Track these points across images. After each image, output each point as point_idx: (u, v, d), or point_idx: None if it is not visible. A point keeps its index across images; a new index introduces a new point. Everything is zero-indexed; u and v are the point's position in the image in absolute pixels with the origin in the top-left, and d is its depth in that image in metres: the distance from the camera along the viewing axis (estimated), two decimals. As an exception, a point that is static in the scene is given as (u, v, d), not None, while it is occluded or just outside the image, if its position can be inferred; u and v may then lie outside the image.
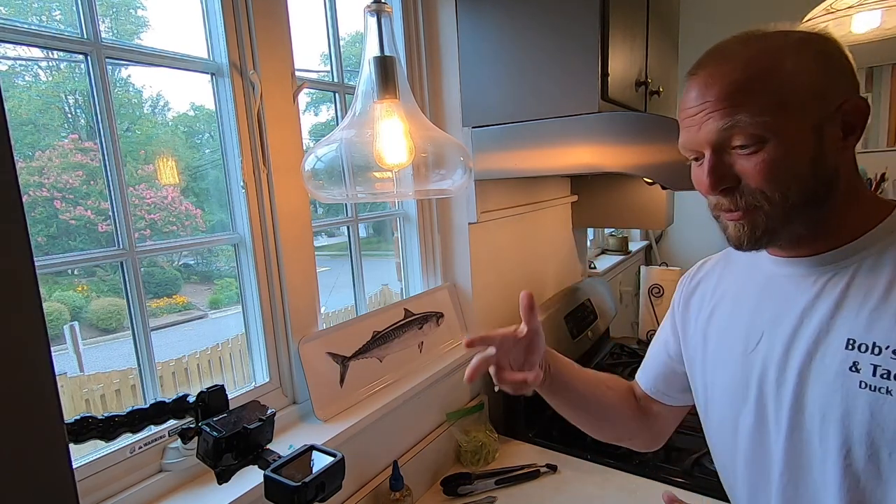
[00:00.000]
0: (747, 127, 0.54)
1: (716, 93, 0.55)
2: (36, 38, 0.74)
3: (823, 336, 0.58)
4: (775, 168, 0.54)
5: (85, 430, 0.59)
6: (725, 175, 0.57)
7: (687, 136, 0.60)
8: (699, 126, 0.57)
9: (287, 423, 1.05)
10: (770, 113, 0.53)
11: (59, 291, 2.37)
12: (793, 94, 0.53)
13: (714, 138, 0.56)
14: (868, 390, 0.54)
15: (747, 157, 0.55)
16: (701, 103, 0.56)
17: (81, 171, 1.49)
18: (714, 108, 0.55)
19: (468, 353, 1.38)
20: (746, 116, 0.53)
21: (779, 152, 0.54)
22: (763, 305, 0.65)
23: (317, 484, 0.62)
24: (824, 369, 0.57)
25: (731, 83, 0.54)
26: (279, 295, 1.04)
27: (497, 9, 1.24)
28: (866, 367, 0.54)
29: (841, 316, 0.57)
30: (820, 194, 0.56)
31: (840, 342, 0.56)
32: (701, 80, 0.57)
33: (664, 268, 2.19)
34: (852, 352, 0.55)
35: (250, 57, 0.96)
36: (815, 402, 0.58)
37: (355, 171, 0.81)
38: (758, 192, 0.56)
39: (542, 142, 1.20)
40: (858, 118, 0.55)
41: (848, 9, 1.16)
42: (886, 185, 3.06)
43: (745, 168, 0.55)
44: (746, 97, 0.54)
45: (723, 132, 0.55)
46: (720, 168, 0.57)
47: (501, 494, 1.19)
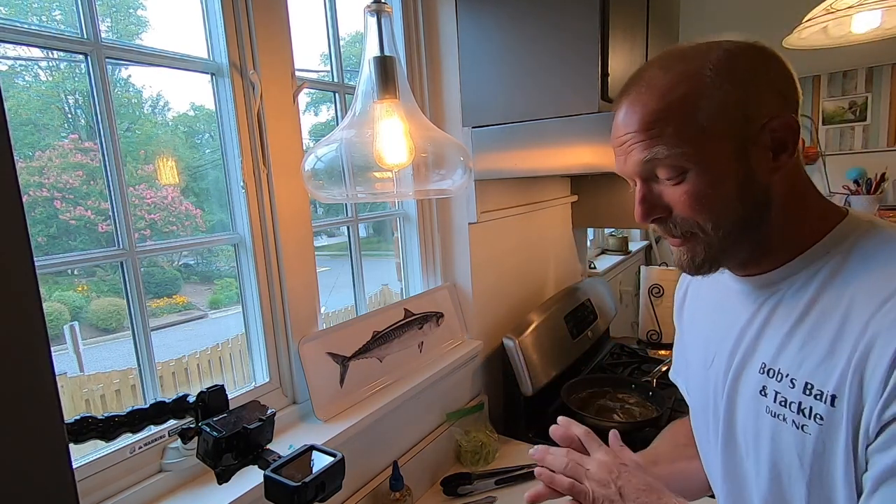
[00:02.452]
0: (666, 159, 0.52)
1: (636, 123, 0.54)
2: (36, 38, 0.74)
3: (749, 357, 0.58)
4: (701, 197, 0.53)
5: (85, 430, 0.59)
6: (655, 205, 0.56)
7: (618, 165, 0.59)
8: (625, 156, 0.56)
9: (287, 423, 1.05)
10: (688, 143, 0.51)
11: (59, 291, 2.37)
12: (711, 120, 0.51)
13: (639, 170, 0.55)
14: (770, 416, 0.55)
15: (673, 188, 0.54)
16: (624, 133, 0.55)
17: (81, 171, 1.49)
18: (635, 139, 0.54)
19: (468, 353, 1.38)
20: (664, 148, 0.52)
21: (702, 181, 0.52)
22: (718, 321, 0.65)
23: (317, 484, 0.62)
24: (745, 391, 0.58)
25: (649, 113, 0.53)
26: (279, 295, 1.04)
27: (497, 9, 1.24)
28: (771, 393, 0.55)
29: (763, 339, 0.57)
30: (753, 218, 0.54)
31: (757, 365, 0.57)
32: (624, 109, 0.56)
33: (664, 268, 2.19)
34: (762, 376, 0.56)
35: (250, 57, 0.96)
36: (739, 422, 0.60)
37: (355, 171, 0.81)
38: (689, 222, 0.55)
39: (542, 142, 1.20)
40: (788, 135, 0.52)
41: (848, 9, 1.16)
42: (886, 185, 3.06)
43: (673, 198, 0.55)
44: (664, 127, 0.52)
45: (645, 164, 0.54)
46: (650, 198, 0.56)
47: (501, 494, 1.19)
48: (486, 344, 1.49)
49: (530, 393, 1.37)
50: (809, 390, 0.51)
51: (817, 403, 0.50)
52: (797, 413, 0.52)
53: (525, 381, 1.37)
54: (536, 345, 1.43)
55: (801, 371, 0.52)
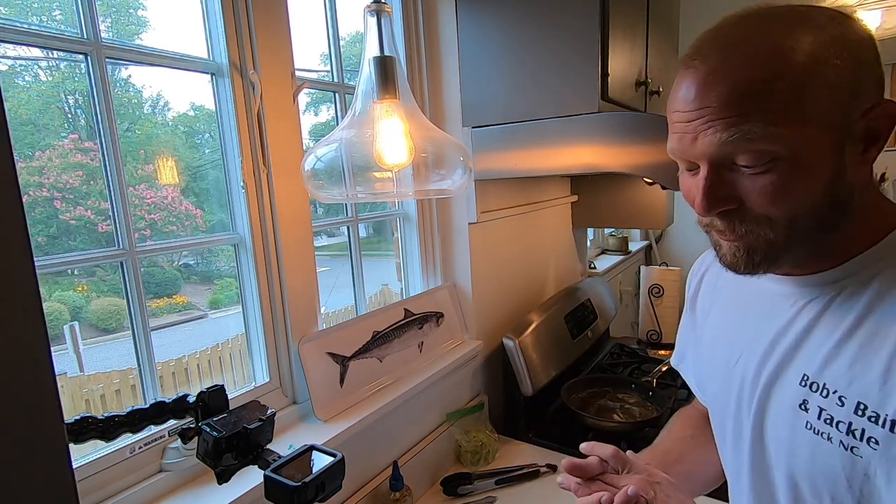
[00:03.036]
0: (757, 141, 0.43)
1: (720, 96, 0.44)
2: (36, 38, 0.74)
3: (785, 366, 0.54)
4: (786, 192, 0.45)
5: (85, 430, 0.59)
6: (724, 196, 0.47)
7: (680, 145, 0.49)
8: (695, 136, 0.47)
9: (287, 423, 1.05)
10: (786, 124, 0.43)
11: (59, 291, 2.37)
12: (815, 100, 0.43)
13: (714, 152, 0.46)
14: (811, 432, 0.50)
15: (753, 177, 0.46)
16: (700, 107, 0.46)
17: (81, 171, 1.49)
18: (717, 114, 0.44)
19: (468, 353, 1.38)
20: (759, 127, 0.43)
21: (792, 172, 0.44)
22: (746, 320, 0.62)
23: (317, 484, 0.62)
24: (780, 401, 0.54)
25: (740, 83, 0.43)
26: (279, 295, 1.04)
27: (497, 9, 1.24)
28: (814, 409, 0.50)
29: (805, 347, 0.52)
30: (831, 218, 0.47)
31: (796, 376, 0.52)
32: (701, 77, 0.45)
33: (664, 268, 2.19)
34: (804, 389, 0.51)
35: (250, 57, 0.96)
36: (770, 432, 0.56)
37: (355, 171, 0.81)
38: (762, 218, 0.47)
39: (542, 142, 1.20)
40: (884, 126, 0.45)
41: (848, 9, 1.16)
42: (886, 185, 3.06)
43: (749, 189, 0.46)
44: (759, 102, 0.43)
45: (725, 146, 0.45)
46: (719, 188, 0.47)
47: (501, 494, 1.19)
48: (486, 344, 1.49)
49: (530, 393, 1.37)
50: (862, 411, 0.46)
51: (872, 426, 0.46)
52: (846, 434, 0.47)
53: (525, 381, 1.37)
54: (536, 345, 1.43)
55: (851, 389, 0.47)
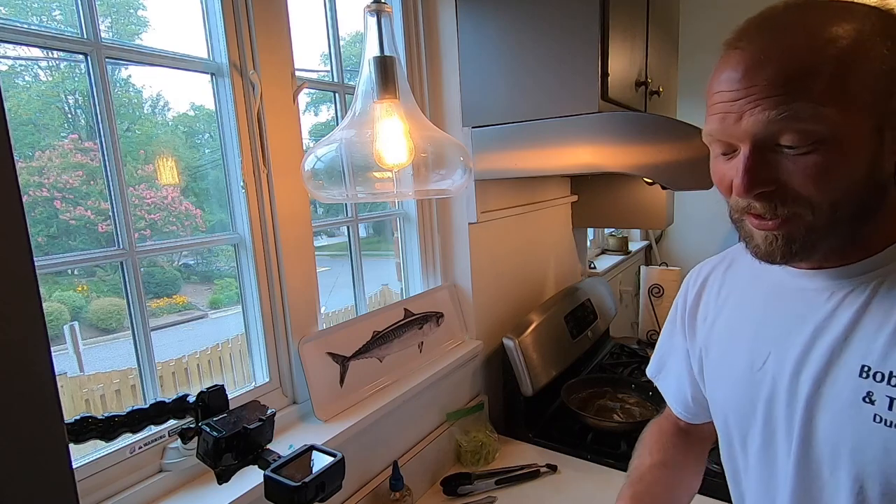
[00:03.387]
0: (806, 121, 0.44)
1: (770, 74, 0.45)
2: (36, 38, 0.74)
3: (836, 360, 0.52)
4: (830, 173, 0.45)
5: (85, 430, 0.59)
6: (766, 177, 0.47)
7: (721, 126, 0.49)
8: (739, 115, 0.47)
9: (287, 423, 1.05)
10: (834, 105, 0.43)
11: (59, 291, 2.37)
12: (863, 84, 0.44)
13: (759, 131, 0.46)
14: (883, 425, 0.48)
15: (796, 158, 0.46)
16: (748, 86, 0.46)
17: (81, 171, 1.49)
18: (764, 93, 0.45)
19: (468, 353, 1.38)
20: (808, 107, 0.44)
21: (837, 155, 0.45)
22: (770, 320, 0.59)
23: (317, 484, 0.62)
24: (835, 397, 0.51)
25: (790, 64, 0.44)
26: (279, 295, 1.04)
27: (497, 9, 1.24)
28: (882, 399, 0.48)
29: (856, 339, 0.51)
30: (871, 205, 0.48)
31: (853, 368, 0.50)
32: (749, 56, 0.46)
33: (664, 268, 2.19)
34: (866, 380, 0.49)
35: (250, 57, 0.96)
36: (825, 431, 0.52)
37: (355, 171, 0.81)
38: (803, 200, 0.47)
39: (542, 142, 1.20)
40: None
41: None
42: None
43: (792, 171, 0.46)
44: (807, 83, 0.44)
45: (772, 125, 0.45)
46: (760, 169, 0.47)
47: (501, 494, 1.19)
48: (486, 344, 1.49)
49: (530, 393, 1.37)
50: None
51: None
52: None
53: (525, 381, 1.37)
54: (536, 345, 1.43)
55: None
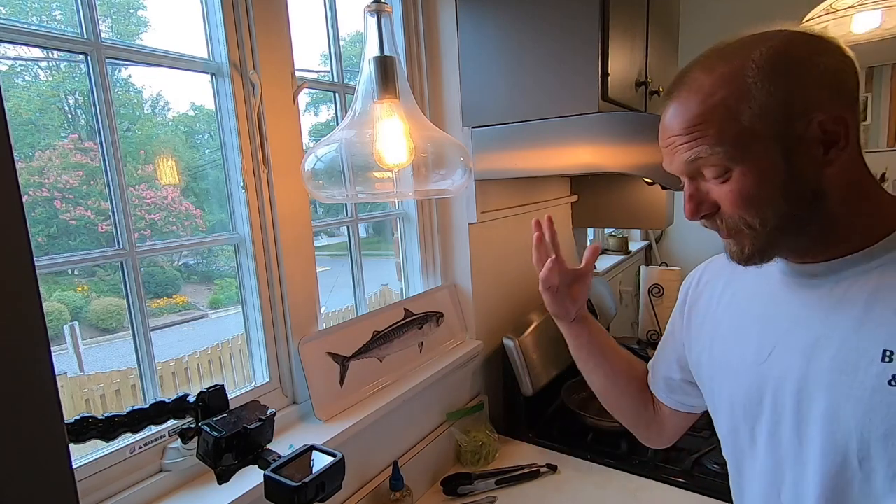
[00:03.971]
0: (709, 157, 0.53)
1: (679, 126, 0.55)
2: (36, 38, 0.74)
3: (853, 347, 0.53)
4: (746, 196, 0.53)
5: (85, 430, 0.59)
6: (703, 203, 0.57)
7: (665, 163, 0.60)
8: (671, 157, 0.58)
9: (287, 423, 1.05)
10: (732, 143, 0.52)
11: (59, 291, 2.37)
12: (753, 120, 0.51)
13: (684, 169, 0.57)
14: None
15: (720, 186, 0.55)
16: (670, 135, 0.57)
17: (81, 171, 1.49)
18: (679, 141, 0.55)
19: (468, 353, 1.38)
20: (707, 148, 0.53)
21: (747, 180, 0.53)
22: (774, 313, 0.62)
23: (317, 484, 0.62)
24: (858, 385, 0.52)
25: (692, 116, 0.54)
26: (279, 295, 1.04)
27: (497, 9, 1.24)
28: None
29: (871, 325, 0.52)
30: (801, 214, 0.54)
31: (875, 354, 0.51)
32: (669, 111, 0.57)
33: (664, 268, 2.19)
34: (890, 364, 0.50)
35: (250, 57, 0.96)
36: (851, 421, 0.53)
37: (355, 171, 0.81)
38: (736, 218, 0.55)
39: (542, 142, 1.20)
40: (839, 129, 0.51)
41: (848, 9, 1.16)
42: (886, 185, 3.06)
43: (720, 196, 0.56)
44: (706, 129, 0.53)
45: (689, 164, 0.55)
46: (697, 196, 0.57)
47: (501, 494, 1.19)
48: (486, 344, 1.49)
49: (530, 393, 1.37)
50: None
51: None
52: None
53: (525, 381, 1.37)
54: (536, 345, 1.43)
55: None
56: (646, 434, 0.89)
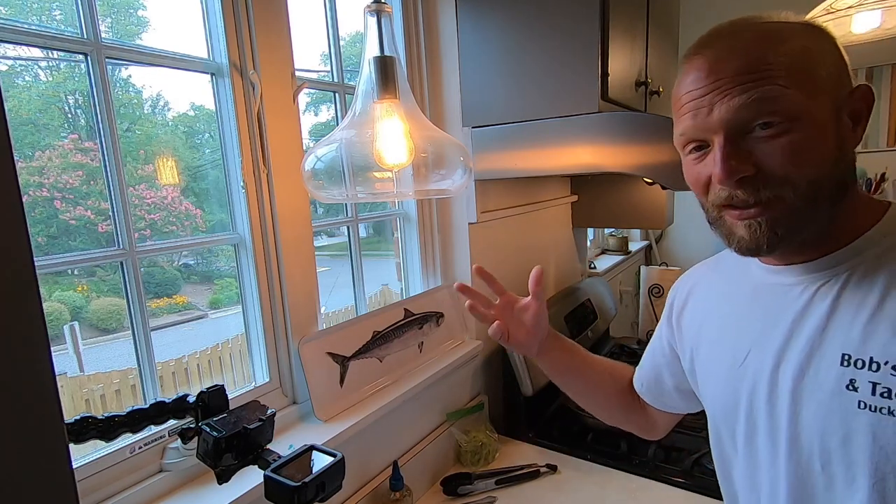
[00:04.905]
0: (775, 101, 0.48)
1: (735, 66, 0.49)
2: (36, 38, 0.74)
3: (815, 350, 0.53)
4: (805, 151, 0.48)
5: (85, 430, 0.59)
6: (744, 162, 0.50)
7: (693, 122, 0.52)
8: (710, 107, 0.50)
9: (287, 423, 1.05)
10: (797, 87, 0.48)
11: (59, 291, 2.37)
12: (821, 72, 0.49)
13: (733, 117, 0.49)
14: (868, 411, 0.49)
15: (770, 140, 0.49)
16: (713, 81, 0.50)
17: (81, 171, 1.49)
18: (732, 83, 0.49)
19: (468, 353, 1.38)
20: (775, 89, 0.48)
21: (810, 133, 0.48)
22: (751, 317, 0.61)
23: (317, 484, 0.62)
24: (818, 387, 0.52)
25: (754, 53, 0.49)
26: (279, 295, 1.04)
27: (497, 9, 1.24)
28: (864, 385, 0.49)
29: (833, 328, 0.52)
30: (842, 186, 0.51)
31: (834, 357, 0.51)
32: (712, 56, 0.51)
33: (664, 268, 2.19)
34: (848, 368, 0.50)
35: (250, 57, 0.96)
36: (812, 423, 0.53)
37: (355, 171, 0.81)
38: (782, 180, 0.49)
39: (542, 142, 1.20)
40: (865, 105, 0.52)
41: (848, 9, 1.16)
42: (886, 185, 3.06)
43: (769, 152, 0.49)
44: (771, 69, 0.48)
45: (744, 109, 0.49)
46: (737, 154, 0.50)
47: (501, 494, 1.19)
48: (486, 344, 1.49)
49: (530, 393, 1.37)
50: None
51: None
52: None
53: (525, 381, 1.37)
54: (536, 345, 1.43)
55: None
56: (639, 430, 0.89)
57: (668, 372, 0.78)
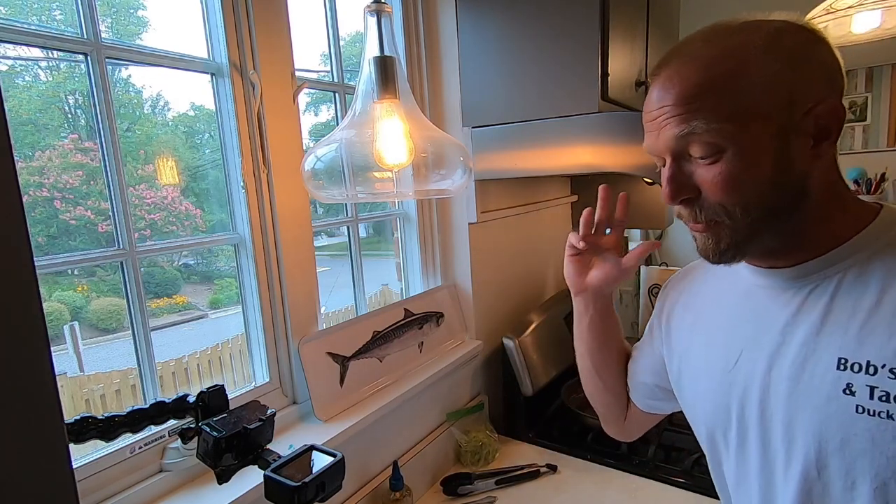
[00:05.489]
0: (703, 134, 0.50)
1: (674, 96, 0.51)
2: (36, 38, 0.74)
3: (810, 355, 0.52)
4: (734, 180, 0.50)
5: (85, 430, 0.59)
6: (685, 185, 0.54)
7: (648, 141, 0.57)
8: (658, 132, 0.54)
9: (287, 423, 1.05)
10: (729, 120, 0.49)
11: (59, 291, 2.37)
12: (755, 99, 0.49)
13: (672, 146, 0.53)
14: (866, 415, 0.48)
15: (706, 168, 0.52)
16: (660, 107, 0.53)
17: (81, 171, 1.49)
18: (672, 112, 0.51)
19: (468, 353, 1.38)
20: (703, 123, 0.50)
21: (738, 162, 0.50)
22: (742, 320, 0.61)
23: (317, 484, 0.62)
24: (814, 392, 0.52)
25: (690, 87, 0.50)
26: (279, 295, 1.04)
27: (497, 9, 1.24)
28: (862, 389, 0.48)
29: (827, 332, 0.52)
30: (785, 206, 0.52)
31: (830, 362, 0.51)
32: (661, 82, 0.53)
33: (664, 268, 2.19)
34: (844, 372, 0.50)
35: (250, 57, 0.96)
36: (808, 429, 0.52)
37: (355, 171, 0.81)
38: (717, 206, 0.52)
39: (542, 142, 1.20)
40: (833, 122, 0.50)
41: (848, 9, 1.16)
42: (886, 185, 3.06)
43: (704, 179, 0.52)
44: (704, 101, 0.50)
45: (679, 139, 0.52)
46: (679, 177, 0.54)
47: (501, 494, 1.19)
48: (486, 344, 1.49)
49: (530, 393, 1.37)
50: None
51: None
52: None
53: (525, 381, 1.37)
54: (536, 345, 1.43)
55: None
56: (612, 428, 0.89)
57: (651, 370, 0.79)
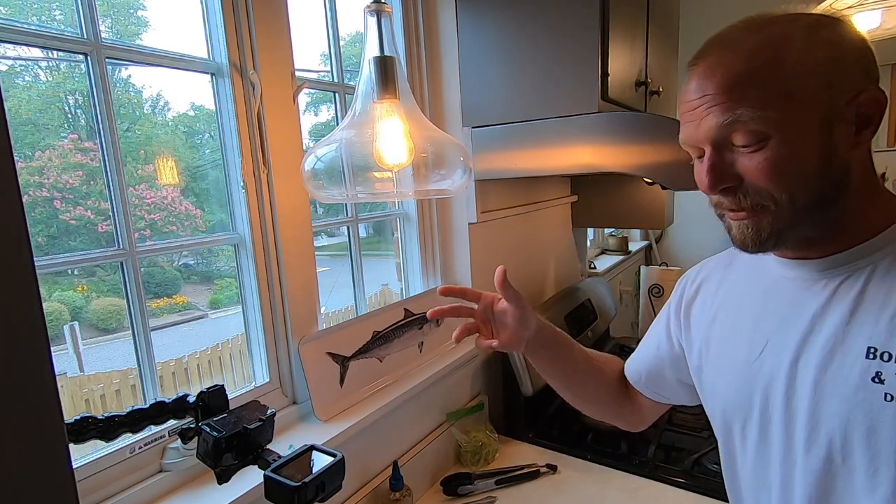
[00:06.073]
0: (749, 122, 0.50)
1: (716, 84, 0.51)
2: (36, 38, 0.74)
3: (839, 345, 0.53)
4: (780, 167, 0.50)
5: (85, 430, 0.59)
6: (726, 174, 0.53)
7: (686, 132, 0.56)
8: (699, 121, 0.53)
9: (287, 423, 1.05)
10: (774, 107, 0.49)
11: (59, 291, 2.37)
12: (799, 85, 0.49)
13: (714, 135, 0.53)
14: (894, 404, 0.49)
15: (750, 155, 0.51)
16: (701, 96, 0.53)
17: (81, 171, 1.49)
18: (714, 101, 0.51)
19: (468, 353, 1.38)
20: (748, 111, 0.49)
21: (783, 150, 0.50)
22: (768, 310, 0.61)
23: (317, 484, 0.62)
24: (842, 381, 0.52)
25: (733, 74, 0.50)
26: (279, 295, 1.04)
27: (497, 9, 1.24)
28: (891, 378, 0.49)
29: (857, 322, 0.52)
30: (830, 194, 0.52)
31: (859, 351, 0.52)
32: (701, 71, 0.53)
33: (664, 268, 2.19)
34: (874, 361, 0.50)
35: (250, 57, 0.96)
36: (835, 417, 0.53)
37: (355, 171, 0.81)
38: (763, 192, 0.52)
39: (542, 142, 1.20)
40: (874, 110, 0.51)
41: (848, 9, 1.16)
42: (887, 185, 3.06)
43: (748, 167, 0.52)
44: (748, 90, 0.50)
45: (723, 128, 0.51)
46: (720, 166, 0.53)
47: (501, 494, 1.19)
48: (486, 344, 1.48)
49: (530, 393, 1.37)
50: None
51: None
52: None
53: (525, 381, 1.37)
54: (536, 345, 1.43)
55: None
56: (626, 423, 0.89)
57: (671, 366, 0.78)
